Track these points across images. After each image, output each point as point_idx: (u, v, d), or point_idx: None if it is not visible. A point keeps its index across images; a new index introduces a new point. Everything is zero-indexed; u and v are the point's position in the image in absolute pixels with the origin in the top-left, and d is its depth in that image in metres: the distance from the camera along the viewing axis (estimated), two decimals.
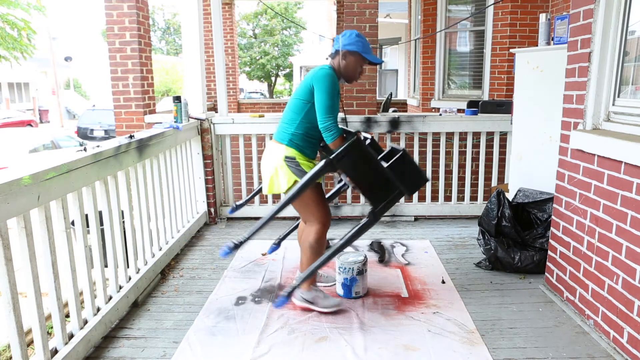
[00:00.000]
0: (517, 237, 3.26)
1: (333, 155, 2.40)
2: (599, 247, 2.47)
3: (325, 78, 2.55)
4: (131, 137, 3.06)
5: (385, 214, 4.51)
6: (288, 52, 28.08)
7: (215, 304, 2.89)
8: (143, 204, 3.14)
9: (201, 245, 3.97)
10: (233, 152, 4.64)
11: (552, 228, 2.99)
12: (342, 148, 2.39)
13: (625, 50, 2.44)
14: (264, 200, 4.58)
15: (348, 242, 2.51)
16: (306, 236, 2.71)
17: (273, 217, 2.48)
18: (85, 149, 2.48)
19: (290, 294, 2.51)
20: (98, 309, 2.54)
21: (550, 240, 3.02)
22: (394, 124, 4.36)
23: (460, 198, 4.62)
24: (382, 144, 4.15)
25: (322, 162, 2.42)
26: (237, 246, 2.53)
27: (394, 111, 6.58)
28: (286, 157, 2.62)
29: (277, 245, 3.23)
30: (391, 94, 8.50)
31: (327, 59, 2.75)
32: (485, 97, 5.95)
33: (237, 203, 3.30)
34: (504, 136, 4.44)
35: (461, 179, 4.58)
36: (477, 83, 6.35)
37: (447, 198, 4.64)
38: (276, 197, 4.43)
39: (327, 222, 2.71)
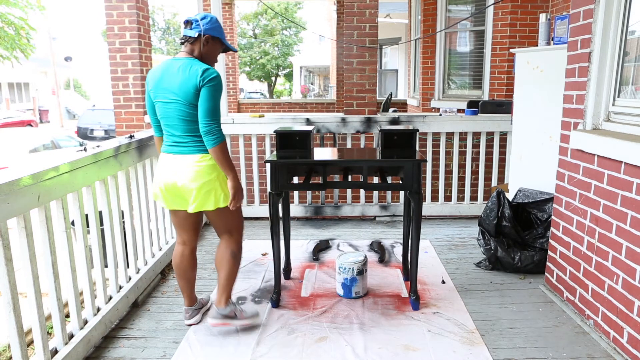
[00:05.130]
0: (517, 237, 3.26)
1: None
2: (599, 247, 2.47)
3: (218, 79, 2.29)
4: (131, 137, 3.06)
5: (385, 214, 4.53)
6: (288, 52, 28.08)
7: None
8: (143, 204, 3.14)
9: (201, 245, 3.96)
10: (233, 152, 4.63)
11: (552, 228, 2.99)
12: None
13: (625, 50, 2.44)
14: (264, 201, 4.58)
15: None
16: (231, 248, 2.53)
17: None
18: (85, 149, 2.48)
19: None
20: (98, 309, 2.54)
21: (550, 240, 3.02)
22: (394, 124, 4.36)
23: (460, 198, 4.62)
24: None
25: None
26: None
27: (394, 111, 6.59)
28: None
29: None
30: (391, 94, 8.51)
31: (182, 44, 2.38)
32: (485, 97, 5.95)
33: None
34: (504, 136, 4.44)
35: (461, 179, 4.58)
36: (477, 83, 6.35)
37: (447, 198, 4.64)
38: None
39: (243, 228, 2.63)
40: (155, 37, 30.25)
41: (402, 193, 4.27)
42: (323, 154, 3.10)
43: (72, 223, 2.38)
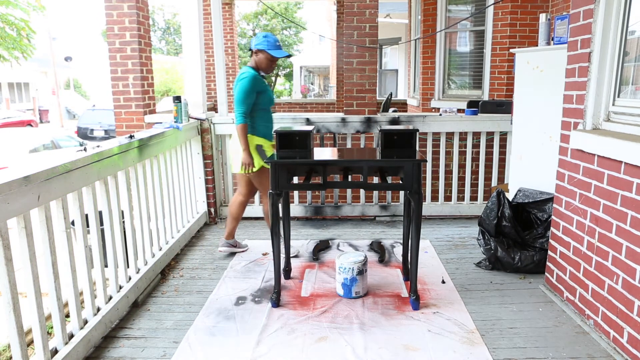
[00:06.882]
0: (517, 237, 3.26)
1: None
2: (599, 247, 2.47)
3: (245, 80, 3.21)
4: (131, 137, 3.06)
5: (385, 214, 4.53)
6: (288, 52, 28.06)
7: (215, 304, 2.89)
8: (143, 204, 3.14)
9: (201, 245, 3.97)
10: None
11: (552, 228, 2.99)
12: None
13: (625, 50, 2.44)
14: None
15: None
16: (241, 199, 3.57)
17: None
18: (85, 149, 2.48)
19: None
20: (98, 309, 2.54)
21: (550, 240, 3.02)
22: (394, 124, 4.36)
23: (460, 198, 4.62)
24: None
25: None
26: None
27: (394, 111, 6.58)
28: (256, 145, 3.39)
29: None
30: (391, 94, 8.50)
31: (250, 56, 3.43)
32: (485, 97, 5.94)
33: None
34: (504, 136, 4.44)
35: (461, 179, 4.58)
36: (477, 83, 6.35)
37: (447, 198, 4.64)
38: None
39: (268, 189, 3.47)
40: (155, 37, 30.24)
41: (402, 193, 4.27)
42: (323, 154, 3.10)
43: (72, 223, 2.38)
